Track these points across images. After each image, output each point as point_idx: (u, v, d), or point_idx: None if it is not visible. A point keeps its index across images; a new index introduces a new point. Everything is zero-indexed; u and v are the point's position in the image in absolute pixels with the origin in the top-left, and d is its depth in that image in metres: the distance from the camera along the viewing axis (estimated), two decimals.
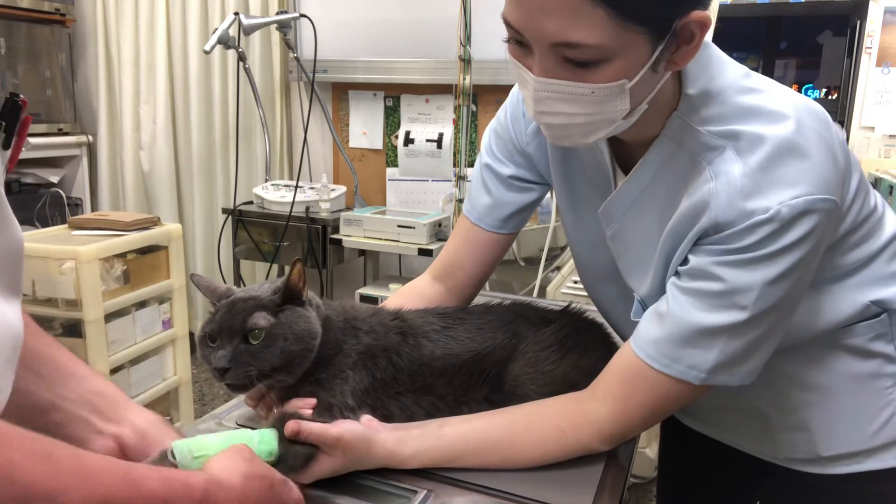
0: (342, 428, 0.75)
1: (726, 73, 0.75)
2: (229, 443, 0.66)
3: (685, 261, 0.75)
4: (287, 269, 0.80)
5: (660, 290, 0.80)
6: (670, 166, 0.77)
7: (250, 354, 0.75)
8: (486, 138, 1.01)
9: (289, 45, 2.76)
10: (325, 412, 0.78)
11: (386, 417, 0.83)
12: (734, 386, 0.76)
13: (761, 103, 0.72)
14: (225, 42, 2.51)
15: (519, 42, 0.68)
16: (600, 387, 0.81)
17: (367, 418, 0.81)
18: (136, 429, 0.67)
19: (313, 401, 0.79)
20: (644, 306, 0.83)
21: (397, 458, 0.79)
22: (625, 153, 0.83)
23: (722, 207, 0.70)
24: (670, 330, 0.75)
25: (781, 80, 0.79)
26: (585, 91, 0.66)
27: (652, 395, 0.77)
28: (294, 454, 0.72)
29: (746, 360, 0.74)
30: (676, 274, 0.77)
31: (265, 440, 0.71)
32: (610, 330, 1.01)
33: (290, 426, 0.72)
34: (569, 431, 0.80)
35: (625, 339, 1.00)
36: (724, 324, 0.72)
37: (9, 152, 0.50)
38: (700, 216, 0.72)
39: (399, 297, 1.03)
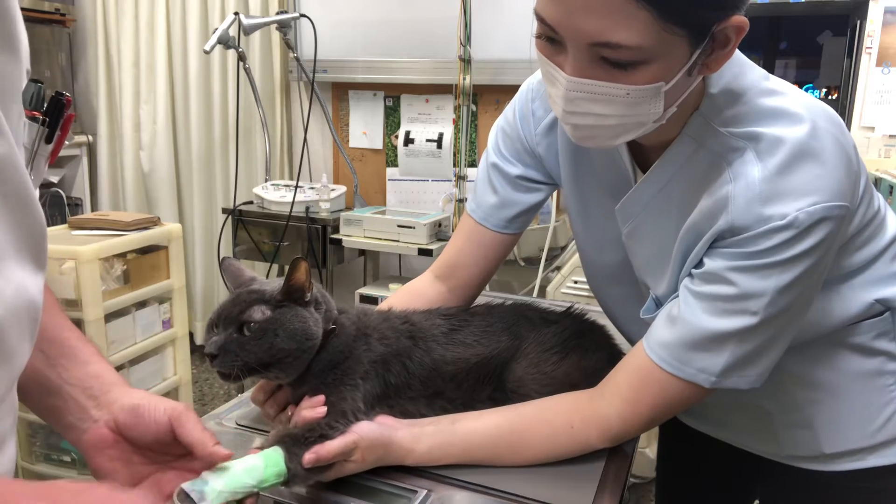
0: (358, 434, 0.75)
1: (748, 75, 0.75)
2: (236, 479, 0.65)
3: (700, 263, 0.75)
4: (287, 269, 0.79)
5: (677, 289, 0.80)
6: (690, 165, 0.76)
7: (240, 345, 0.75)
8: (493, 137, 0.99)
9: (289, 45, 2.76)
10: (341, 416, 0.77)
11: (403, 416, 0.83)
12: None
13: (781, 105, 0.72)
14: (225, 42, 2.51)
15: (550, 39, 0.67)
16: (610, 386, 0.81)
17: (381, 417, 0.81)
18: (125, 408, 0.66)
19: (324, 409, 0.78)
20: (657, 304, 0.83)
21: (413, 454, 0.79)
22: (641, 153, 0.83)
23: (739, 211, 0.70)
24: (681, 333, 0.75)
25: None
26: (621, 92, 0.65)
27: (661, 397, 0.77)
28: (304, 475, 0.72)
29: (756, 364, 0.75)
30: (690, 276, 0.77)
31: (271, 462, 0.69)
32: (611, 332, 1.01)
33: (309, 458, 0.71)
34: (578, 427, 0.81)
35: (630, 339, 1.00)
36: (734, 328, 0.72)
37: (51, 146, 0.53)
38: (717, 217, 0.72)
39: (400, 296, 1.03)
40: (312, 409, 0.77)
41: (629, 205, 0.83)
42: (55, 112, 0.52)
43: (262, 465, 0.68)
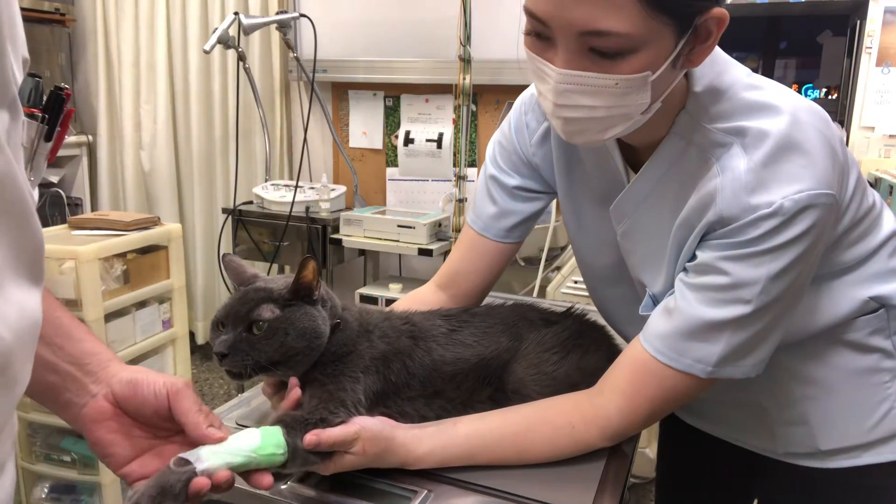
0: (360, 425, 0.75)
1: (731, 72, 0.77)
2: (232, 442, 0.66)
3: (693, 257, 0.77)
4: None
5: (673, 285, 0.81)
6: (680, 163, 0.78)
7: (249, 344, 0.75)
8: (491, 150, 1.02)
9: (289, 45, 2.76)
10: (340, 405, 0.77)
11: (401, 417, 0.83)
12: (737, 379, 0.77)
13: (765, 99, 0.74)
14: (225, 42, 2.51)
15: (539, 35, 0.68)
16: (608, 382, 0.82)
17: (381, 418, 0.81)
18: (123, 381, 0.66)
19: (298, 392, 0.78)
20: (655, 301, 0.84)
21: (413, 455, 0.79)
22: (632, 156, 0.84)
23: (727, 202, 0.71)
24: (677, 324, 0.76)
25: (781, 80, 0.80)
26: (609, 83, 0.67)
27: (659, 389, 0.78)
28: (303, 454, 0.71)
29: (751, 353, 0.75)
30: (684, 270, 0.78)
31: (269, 434, 0.69)
32: (611, 332, 1.01)
33: (310, 440, 0.71)
34: (579, 427, 0.81)
35: (627, 340, 1.01)
36: (728, 318, 0.73)
37: (50, 144, 0.51)
38: (707, 210, 0.73)
39: (403, 305, 1.04)
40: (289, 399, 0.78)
41: (623, 204, 0.85)
42: (55, 108, 0.50)
43: (259, 433, 0.69)
